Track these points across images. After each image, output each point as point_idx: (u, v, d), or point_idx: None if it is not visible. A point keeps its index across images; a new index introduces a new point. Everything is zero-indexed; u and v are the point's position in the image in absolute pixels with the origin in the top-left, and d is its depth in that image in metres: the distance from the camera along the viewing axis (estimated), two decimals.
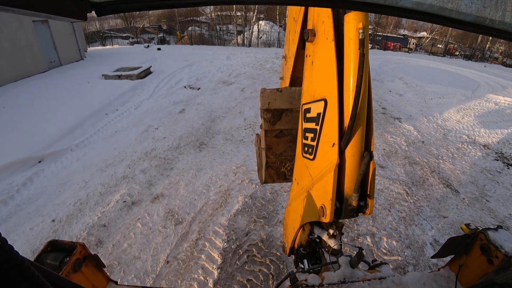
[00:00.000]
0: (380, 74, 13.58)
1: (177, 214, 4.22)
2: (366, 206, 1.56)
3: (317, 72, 1.74)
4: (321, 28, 1.66)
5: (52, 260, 1.58)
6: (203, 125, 7.47)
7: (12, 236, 3.75)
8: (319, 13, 1.70)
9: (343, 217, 1.58)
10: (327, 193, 1.54)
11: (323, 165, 1.62)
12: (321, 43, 1.67)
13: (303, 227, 2.07)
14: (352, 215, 1.57)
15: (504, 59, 26.72)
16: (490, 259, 1.65)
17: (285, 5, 8.04)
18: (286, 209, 2.49)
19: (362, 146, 1.50)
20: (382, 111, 9.09)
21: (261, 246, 3.67)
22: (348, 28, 1.45)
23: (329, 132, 1.57)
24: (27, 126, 6.58)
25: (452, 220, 4.32)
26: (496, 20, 0.70)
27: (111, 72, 11.42)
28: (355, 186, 1.48)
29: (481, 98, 10.64)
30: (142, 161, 5.67)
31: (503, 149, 6.78)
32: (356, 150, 1.49)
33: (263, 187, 4.84)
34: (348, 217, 1.57)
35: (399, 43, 29.54)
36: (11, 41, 10.97)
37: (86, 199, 4.54)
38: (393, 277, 1.77)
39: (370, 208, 1.54)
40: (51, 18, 0.73)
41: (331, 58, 1.52)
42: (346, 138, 1.47)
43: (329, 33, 1.56)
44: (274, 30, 27.01)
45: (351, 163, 1.51)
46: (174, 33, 31.19)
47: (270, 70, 14.51)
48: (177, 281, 3.19)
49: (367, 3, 0.82)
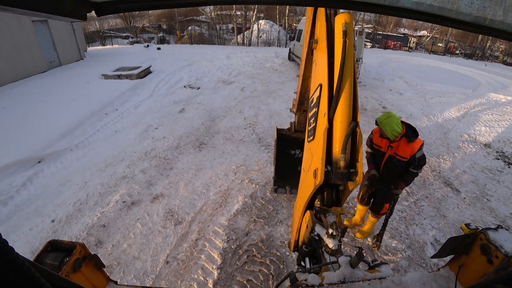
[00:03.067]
0: (380, 73, 13.56)
1: (176, 214, 4.22)
2: (355, 173, 1.75)
3: (317, 69, 2.17)
4: (321, 37, 2.14)
5: (51, 260, 1.57)
6: (203, 124, 7.46)
7: (11, 236, 3.75)
8: (320, 28, 2.18)
9: (334, 180, 1.78)
10: (318, 156, 1.75)
11: (319, 135, 1.85)
12: (320, 46, 2.14)
13: (306, 225, 2.08)
14: (341, 178, 1.77)
15: (505, 58, 26.68)
16: (490, 259, 1.64)
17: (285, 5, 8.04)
18: (294, 204, 2.55)
19: (349, 115, 1.77)
20: (383, 110, 9.08)
21: (261, 246, 3.66)
22: (337, 25, 1.88)
23: (323, 108, 1.87)
24: (27, 126, 6.57)
25: (452, 220, 4.32)
26: (496, 20, 0.70)
27: (111, 72, 11.41)
28: (342, 147, 1.70)
29: (482, 97, 10.63)
30: (141, 161, 5.67)
31: (504, 148, 6.78)
32: (343, 117, 1.76)
33: (263, 187, 4.85)
34: (338, 179, 1.77)
35: (399, 42, 29.47)
36: (10, 41, 10.94)
37: (86, 199, 4.54)
38: (393, 277, 1.77)
39: (359, 174, 1.74)
40: (51, 18, 0.73)
41: (324, 53, 1.96)
42: (333, 107, 1.77)
43: (323, 37, 2.02)
44: (274, 29, 26.95)
45: (339, 128, 1.77)
46: (174, 32, 31.12)
47: (270, 69, 14.50)
48: (177, 282, 3.19)
49: (367, 3, 0.82)
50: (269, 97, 9.88)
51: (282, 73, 13.64)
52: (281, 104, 9.00)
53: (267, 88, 10.95)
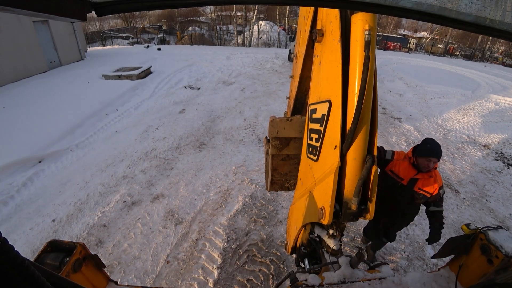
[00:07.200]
0: (380, 74, 13.56)
1: (177, 214, 4.22)
2: (366, 211, 1.53)
3: (323, 72, 1.71)
4: (329, 28, 1.62)
5: (52, 260, 1.58)
6: (203, 125, 7.47)
7: (12, 236, 3.75)
8: (327, 13, 1.65)
9: (343, 220, 1.56)
10: (327, 195, 1.52)
11: (325, 166, 1.60)
12: (329, 44, 1.63)
13: (304, 226, 2.08)
14: (351, 218, 1.54)
15: (504, 59, 26.68)
16: (490, 259, 1.64)
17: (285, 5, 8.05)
18: (290, 208, 2.50)
19: (365, 150, 1.47)
20: (382, 111, 9.08)
21: (261, 246, 3.66)
22: (355, 29, 1.41)
23: (332, 134, 1.55)
24: (27, 126, 6.57)
25: (452, 220, 4.32)
26: (496, 20, 0.70)
27: (111, 72, 11.42)
28: (355, 190, 1.45)
29: (481, 98, 10.63)
30: (142, 161, 5.67)
31: (503, 149, 6.78)
32: (358, 154, 1.46)
33: (263, 187, 4.84)
34: (347, 220, 1.55)
35: (399, 43, 29.49)
36: (11, 41, 10.96)
37: (86, 199, 4.54)
38: (393, 277, 1.77)
39: (370, 212, 1.52)
40: (51, 18, 0.73)
41: (337, 59, 1.49)
42: (348, 142, 1.43)
43: (336, 34, 1.52)
44: (274, 30, 26.98)
45: (353, 166, 1.47)
46: (174, 33, 31.16)
47: (270, 70, 14.51)
48: (177, 281, 3.19)
49: (367, 3, 0.82)
50: (269, 97, 9.89)
51: (282, 74, 13.65)
52: (281, 105, 9.00)
53: (267, 89, 10.95)
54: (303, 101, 2.63)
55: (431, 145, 2.39)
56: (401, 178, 2.51)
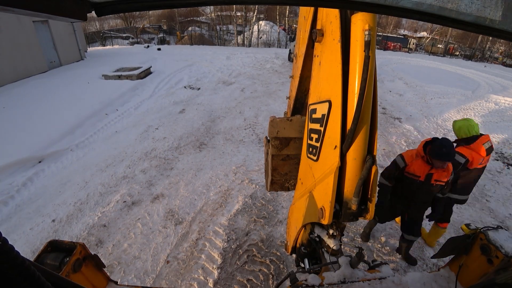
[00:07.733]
0: (380, 74, 13.56)
1: (177, 214, 4.22)
2: (366, 211, 1.53)
3: (323, 72, 1.72)
4: (329, 28, 1.62)
5: (52, 260, 1.58)
6: (203, 125, 7.47)
7: (12, 236, 3.75)
8: (327, 13, 1.65)
9: (342, 220, 1.57)
10: (327, 195, 1.52)
11: (326, 166, 1.60)
12: (329, 44, 1.63)
13: (304, 226, 2.08)
14: (351, 218, 1.55)
15: (504, 59, 26.68)
16: (490, 259, 1.65)
17: (285, 5, 8.05)
18: (290, 208, 2.51)
19: (365, 150, 1.47)
20: (382, 111, 9.08)
21: (261, 246, 3.66)
22: (355, 29, 1.42)
23: (332, 134, 1.56)
24: (27, 126, 6.58)
25: (452, 220, 4.31)
26: (496, 20, 0.70)
27: (111, 72, 11.42)
28: (355, 190, 1.45)
29: (481, 98, 10.63)
30: (142, 161, 5.67)
31: (503, 149, 6.78)
32: (358, 154, 1.46)
33: (263, 187, 4.84)
34: (347, 220, 1.56)
35: (399, 43, 29.47)
36: (11, 41, 10.96)
37: (86, 199, 4.54)
38: (393, 277, 1.77)
39: (370, 212, 1.52)
40: (51, 18, 0.73)
41: (337, 60, 1.49)
42: (347, 142, 1.44)
43: (336, 34, 1.52)
44: (274, 30, 26.98)
45: (353, 166, 1.48)
46: (174, 33, 31.16)
47: (270, 70, 14.51)
48: (177, 281, 3.19)
49: (367, 3, 0.82)
50: (269, 97, 9.89)
51: (282, 74, 13.65)
52: (281, 105, 9.00)
53: (267, 89, 10.95)
54: (303, 101, 2.64)
55: (447, 149, 2.51)
56: (418, 176, 2.70)
